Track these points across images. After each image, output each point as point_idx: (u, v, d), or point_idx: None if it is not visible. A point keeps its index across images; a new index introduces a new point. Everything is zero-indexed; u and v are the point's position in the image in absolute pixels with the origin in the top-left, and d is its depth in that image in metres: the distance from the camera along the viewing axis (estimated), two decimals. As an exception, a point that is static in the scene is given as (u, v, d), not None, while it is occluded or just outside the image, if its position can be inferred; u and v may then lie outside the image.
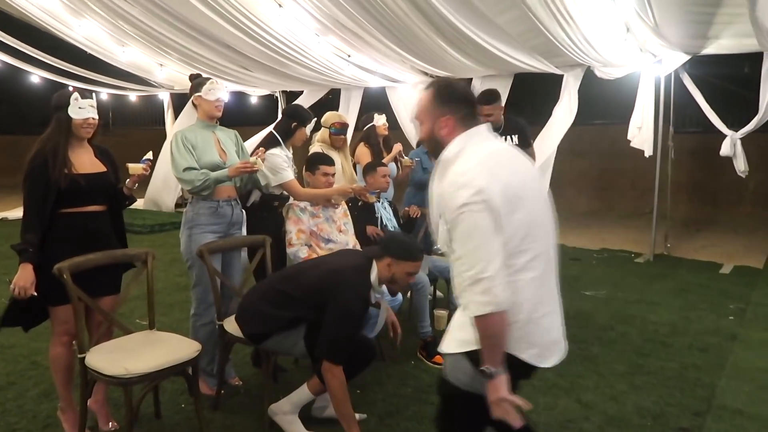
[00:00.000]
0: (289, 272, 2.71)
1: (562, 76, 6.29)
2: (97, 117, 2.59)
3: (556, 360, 1.71)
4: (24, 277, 2.36)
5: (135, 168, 2.70)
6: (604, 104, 9.62)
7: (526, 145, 4.13)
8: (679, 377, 3.28)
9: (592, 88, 6.46)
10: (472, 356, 1.64)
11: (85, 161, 2.57)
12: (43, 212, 2.45)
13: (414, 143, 6.49)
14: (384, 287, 2.62)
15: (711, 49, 5.49)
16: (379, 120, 4.58)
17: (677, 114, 6.65)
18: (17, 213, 9.43)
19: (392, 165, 4.51)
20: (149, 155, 2.65)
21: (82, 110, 2.53)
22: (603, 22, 5.04)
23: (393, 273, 2.53)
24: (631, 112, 6.18)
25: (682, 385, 3.18)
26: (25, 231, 2.44)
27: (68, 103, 2.51)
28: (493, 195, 1.55)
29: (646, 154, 6.07)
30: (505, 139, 3.97)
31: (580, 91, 6.27)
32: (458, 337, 1.72)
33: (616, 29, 5.19)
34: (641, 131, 6.01)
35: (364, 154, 4.41)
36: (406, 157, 4.27)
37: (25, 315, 2.54)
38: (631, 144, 6.13)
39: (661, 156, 6.28)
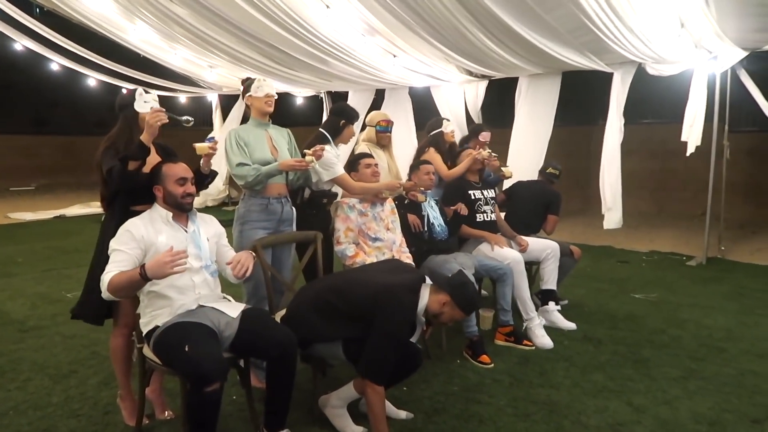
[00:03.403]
0: (340, 283, 2.68)
1: (611, 75, 6.14)
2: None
3: None
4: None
5: (201, 148, 2.70)
6: (654, 103, 9.38)
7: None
8: (736, 383, 3.17)
9: (641, 87, 6.29)
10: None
11: (151, 161, 2.65)
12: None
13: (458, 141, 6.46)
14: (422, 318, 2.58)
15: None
16: (448, 127, 4.55)
17: (733, 112, 6.42)
18: (74, 210, 9.87)
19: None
20: (213, 134, 2.72)
21: (147, 104, 2.63)
22: (656, 17, 4.91)
23: (443, 312, 2.52)
24: (682, 111, 5.98)
25: (740, 391, 3.07)
26: (121, 168, 2.49)
27: (134, 99, 2.62)
28: None
29: (688, 152, 5.84)
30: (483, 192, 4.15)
31: (629, 89, 6.11)
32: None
33: (669, 24, 5.04)
34: (692, 129, 5.80)
35: (435, 159, 4.26)
36: (483, 151, 4.19)
37: (95, 312, 2.67)
38: (682, 139, 5.91)
39: (715, 156, 6.08)
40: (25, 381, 3.16)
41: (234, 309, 2.49)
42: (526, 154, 6.61)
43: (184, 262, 2.17)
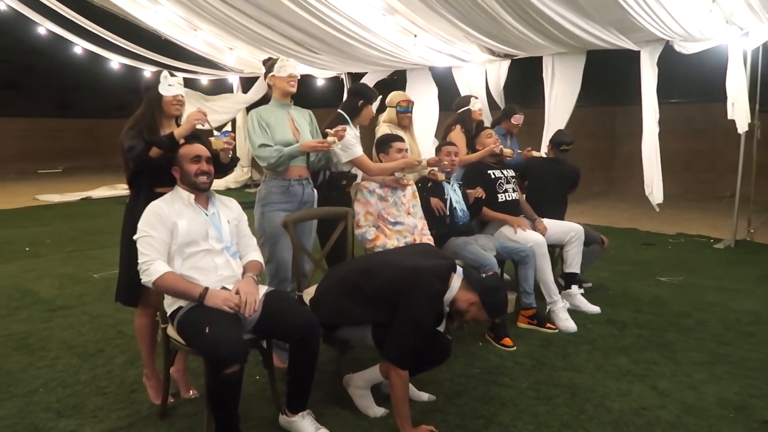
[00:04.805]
0: (368, 265, 2.65)
1: (637, 53, 5.99)
2: (184, 95, 2.69)
3: None
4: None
5: (217, 143, 2.65)
6: (681, 81, 9.15)
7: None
8: (764, 368, 3.11)
9: (667, 65, 6.13)
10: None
11: None
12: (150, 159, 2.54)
13: (487, 122, 6.39)
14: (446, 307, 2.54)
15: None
16: (475, 104, 4.50)
17: (763, 91, 6.22)
18: (100, 192, 10.02)
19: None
20: (228, 128, 2.71)
21: (171, 87, 2.64)
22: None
23: (469, 311, 2.48)
24: (710, 90, 5.82)
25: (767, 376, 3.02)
26: (144, 152, 2.51)
27: (158, 82, 2.62)
28: None
29: (740, 130, 5.71)
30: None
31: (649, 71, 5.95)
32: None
33: (700, 0, 4.89)
34: (735, 107, 5.64)
35: (459, 139, 4.26)
36: (506, 149, 4.18)
37: (133, 292, 2.68)
38: (729, 117, 5.75)
39: (745, 136, 5.91)
40: (54, 359, 3.24)
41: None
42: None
43: (235, 307, 2.31)
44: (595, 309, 3.98)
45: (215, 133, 2.66)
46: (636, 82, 6.10)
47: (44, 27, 8.81)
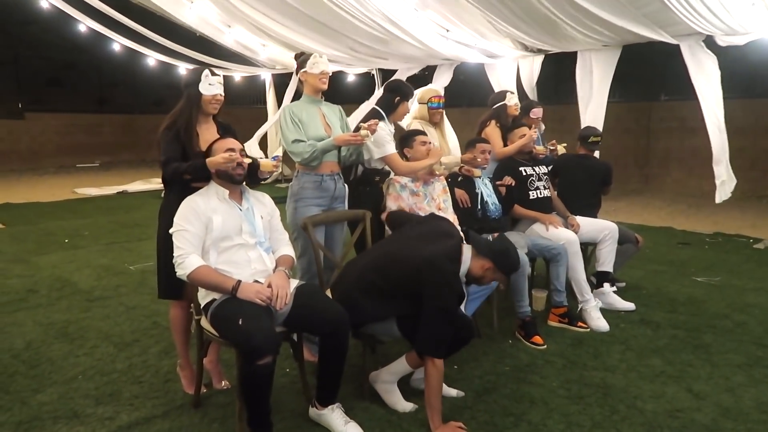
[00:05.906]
0: (381, 259, 2.66)
1: (672, 48, 5.83)
2: (223, 94, 2.73)
3: None
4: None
5: (266, 165, 2.65)
6: (720, 77, 8.89)
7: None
8: (806, 373, 3.02)
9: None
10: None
11: (209, 139, 2.69)
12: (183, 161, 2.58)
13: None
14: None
15: None
16: (511, 99, 4.43)
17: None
18: (136, 186, 10.24)
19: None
20: (279, 152, 2.74)
21: (211, 86, 2.68)
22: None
23: (485, 276, 2.58)
24: (753, 85, 5.64)
25: (810, 381, 2.92)
26: (177, 171, 2.56)
27: (199, 80, 2.67)
28: None
29: None
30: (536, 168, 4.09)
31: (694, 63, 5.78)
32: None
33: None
34: None
35: (494, 134, 4.25)
36: (539, 147, 4.14)
37: (173, 285, 2.69)
38: None
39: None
40: (92, 348, 3.33)
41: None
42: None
43: (266, 300, 2.35)
44: (629, 305, 3.91)
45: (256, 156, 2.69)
46: (672, 77, 5.96)
47: (84, 24, 9.03)
